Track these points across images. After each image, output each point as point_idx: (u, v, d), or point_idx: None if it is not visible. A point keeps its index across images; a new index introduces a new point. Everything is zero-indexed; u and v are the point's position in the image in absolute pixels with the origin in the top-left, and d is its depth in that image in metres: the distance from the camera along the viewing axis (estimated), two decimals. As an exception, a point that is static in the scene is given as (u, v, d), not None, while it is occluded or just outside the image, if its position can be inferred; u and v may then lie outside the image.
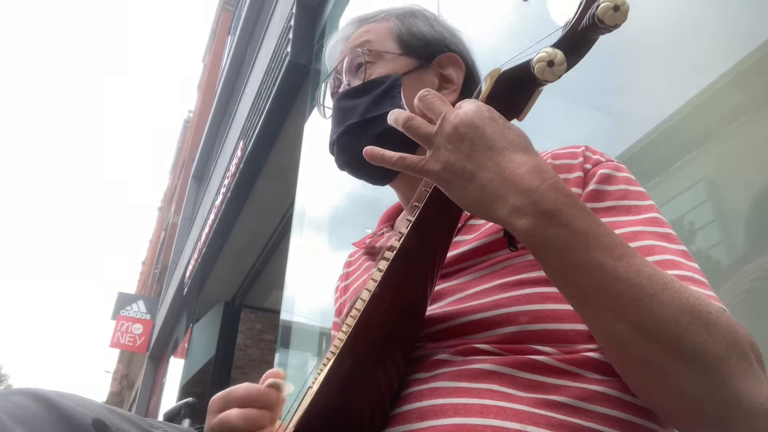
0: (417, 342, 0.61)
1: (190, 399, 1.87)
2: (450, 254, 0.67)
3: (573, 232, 0.47)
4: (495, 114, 0.52)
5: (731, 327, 0.47)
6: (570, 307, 0.56)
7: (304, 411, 0.54)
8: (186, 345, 8.35)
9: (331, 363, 0.54)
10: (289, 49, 3.85)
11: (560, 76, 0.52)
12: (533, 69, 0.52)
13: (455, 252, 0.67)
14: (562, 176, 0.64)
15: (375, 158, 0.56)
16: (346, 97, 0.79)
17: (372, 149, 0.56)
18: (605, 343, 0.51)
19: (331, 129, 0.80)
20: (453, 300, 0.63)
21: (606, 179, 0.64)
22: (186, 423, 1.74)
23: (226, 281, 6.73)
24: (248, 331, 7.18)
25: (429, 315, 0.62)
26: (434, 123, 0.53)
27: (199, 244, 6.57)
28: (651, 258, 0.56)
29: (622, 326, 0.47)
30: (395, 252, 0.55)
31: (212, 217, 5.97)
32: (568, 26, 0.53)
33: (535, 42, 0.54)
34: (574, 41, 0.52)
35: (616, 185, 0.64)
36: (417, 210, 0.57)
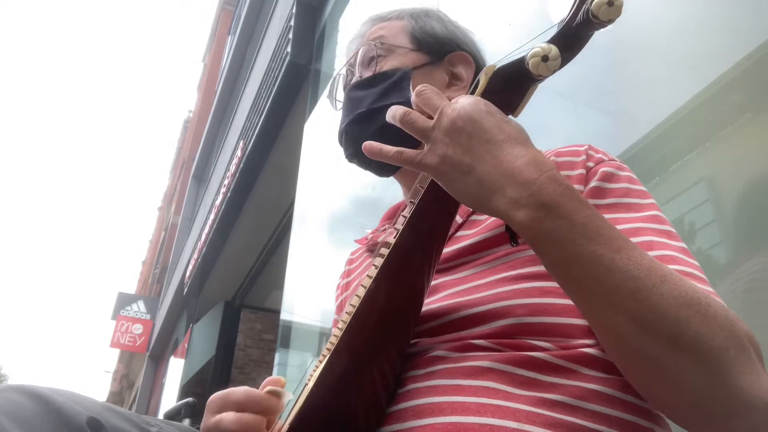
0: (413, 338, 0.61)
1: (190, 399, 1.87)
2: (451, 249, 0.67)
3: (572, 224, 0.47)
4: (492, 108, 0.52)
5: (730, 320, 0.47)
6: (569, 302, 0.56)
7: (300, 408, 0.53)
8: (186, 345, 8.35)
9: (327, 360, 0.54)
10: (289, 49, 3.84)
11: (555, 71, 0.52)
12: (528, 64, 0.52)
13: (456, 246, 0.67)
14: (565, 173, 0.64)
15: (373, 153, 0.56)
16: (357, 88, 0.80)
17: (370, 144, 0.56)
18: (604, 337, 0.51)
19: (341, 119, 0.81)
20: (451, 293, 0.63)
21: (608, 177, 0.64)
22: (186, 423, 1.74)
23: (226, 281, 6.73)
24: (248, 331, 7.17)
25: (426, 309, 0.62)
26: (432, 118, 0.53)
27: (199, 244, 6.57)
28: (651, 253, 0.55)
29: (621, 319, 0.46)
30: (390, 248, 0.55)
31: (212, 217, 5.97)
32: (563, 22, 0.53)
33: (531, 39, 0.54)
34: (569, 37, 0.53)
35: (618, 183, 0.64)
36: (412, 207, 0.57)
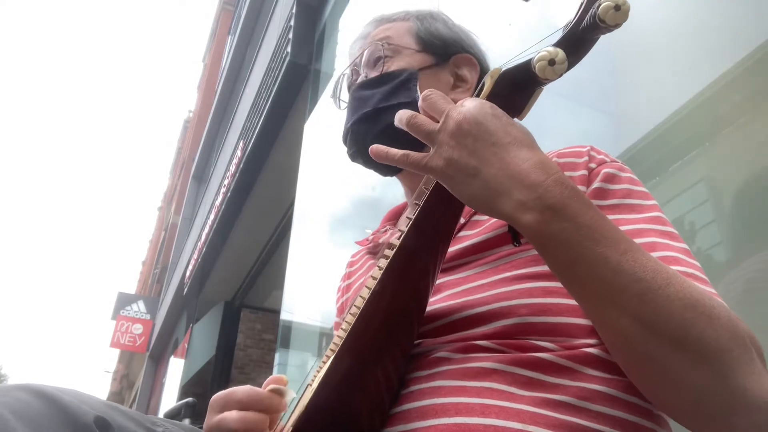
0: (417, 339, 0.61)
1: (191, 399, 1.86)
2: (453, 249, 0.67)
3: (578, 227, 0.47)
4: (498, 111, 0.52)
5: (733, 322, 0.48)
6: (572, 302, 0.56)
7: (303, 409, 0.54)
8: (186, 345, 8.34)
9: (330, 361, 0.54)
10: (289, 49, 3.84)
11: (561, 75, 0.52)
12: (534, 68, 0.52)
13: (459, 246, 0.67)
14: (567, 174, 0.65)
15: (379, 156, 0.56)
16: (363, 88, 0.80)
17: (377, 147, 0.57)
18: (609, 338, 0.51)
19: (346, 118, 0.81)
20: (453, 293, 0.63)
21: (610, 178, 0.64)
22: (186, 423, 1.74)
23: (226, 281, 6.73)
24: (248, 331, 7.17)
25: (428, 310, 0.62)
26: (438, 121, 0.53)
27: (199, 244, 6.57)
28: (653, 254, 0.56)
29: (627, 320, 0.47)
30: (395, 250, 0.56)
31: (212, 217, 5.97)
32: (569, 25, 0.53)
33: (537, 42, 0.54)
34: (575, 40, 0.52)
35: (620, 184, 0.64)
36: (417, 208, 0.57)
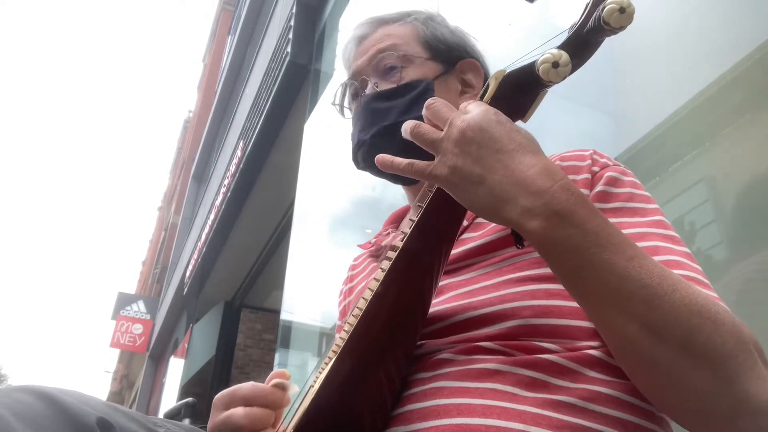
0: (420, 340, 0.61)
1: (190, 399, 1.86)
2: (456, 251, 0.67)
3: (585, 233, 0.47)
4: (502, 117, 0.52)
5: (737, 327, 0.48)
6: (574, 304, 0.56)
7: (305, 411, 0.54)
8: (186, 345, 8.34)
9: (333, 362, 0.54)
10: (289, 49, 3.84)
11: (565, 78, 0.52)
12: (538, 70, 0.52)
13: (461, 249, 0.67)
14: (570, 177, 0.65)
15: (385, 166, 0.57)
16: (379, 99, 0.78)
17: (382, 157, 0.57)
18: (614, 343, 0.51)
19: (359, 129, 0.79)
20: (456, 295, 0.63)
21: (613, 182, 0.65)
22: (186, 423, 1.74)
23: (226, 281, 6.73)
24: (248, 331, 7.17)
25: (431, 311, 0.62)
26: (442, 129, 0.53)
27: (199, 244, 6.57)
28: (656, 258, 0.56)
29: (633, 327, 0.47)
30: (398, 252, 0.56)
31: (212, 217, 5.97)
32: (574, 28, 0.53)
33: (541, 44, 0.54)
34: (580, 43, 0.53)
35: (623, 188, 0.64)
36: (420, 210, 0.57)
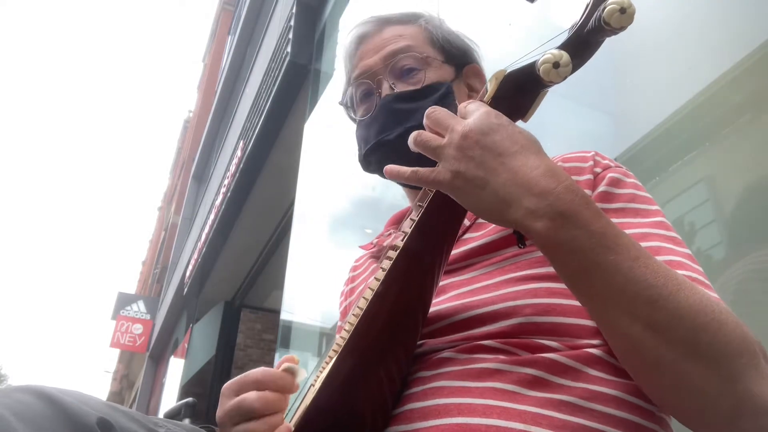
0: (421, 339, 0.62)
1: (190, 399, 1.86)
2: (458, 251, 0.67)
3: (590, 234, 0.47)
4: (503, 119, 0.52)
5: (740, 326, 0.48)
6: (576, 303, 0.56)
7: (306, 409, 0.54)
8: (186, 345, 8.34)
9: (334, 361, 0.54)
10: (289, 49, 3.84)
11: (565, 78, 0.53)
12: (539, 70, 0.52)
13: (464, 248, 0.67)
14: (572, 178, 0.65)
15: (392, 175, 0.57)
16: (401, 100, 0.75)
17: (390, 167, 0.57)
18: (619, 345, 0.51)
19: (379, 130, 0.76)
20: (458, 294, 0.64)
21: (615, 182, 0.65)
22: (186, 423, 1.74)
23: (226, 281, 6.72)
24: (248, 331, 7.17)
25: (433, 310, 0.62)
26: (443, 137, 0.53)
27: (199, 244, 6.57)
28: (658, 258, 0.56)
29: (638, 327, 0.47)
30: (399, 251, 0.56)
31: (212, 217, 5.96)
32: (574, 28, 0.53)
33: (541, 44, 0.54)
34: (580, 43, 0.53)
35: (625, 189, 0.65)
36: (421, 210, 0.57)
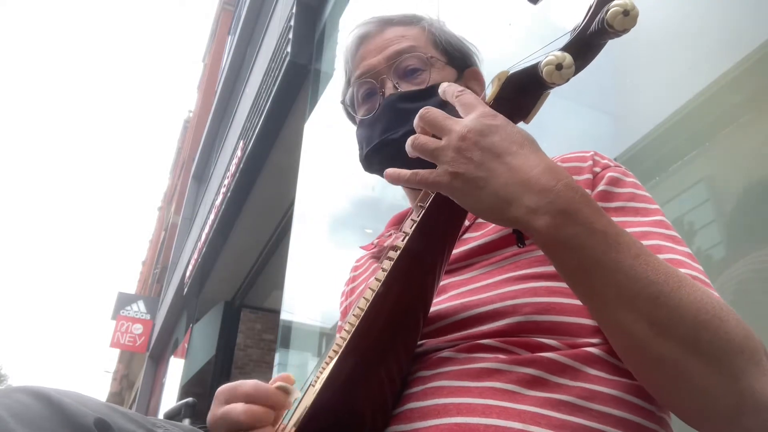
0: (421, 339, 0.62)
1: (190, 399, 1.86)
2: (458, 251, 0.67)
3: (591, 231, 0.48)
4: (501, 119, 0.52)
5: (741, 323, 0.48)
6: (576, 302, 0.56)
7: (306, 409, 0.54)
8: (186, 345, 8.34)
9: (334, 361, 0.54)
10: (289, 49, 3.84)
11: (568, 80, 0.52)
12: (541, 72, 0.52)
13: (463, 248, 0.67)
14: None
15: (393, 178, 0.57)
16: (407, 100, 0.75)
17: (390, 171, 0.57)
18: (621, 343, 0.51)
19: (384, 129, 0.75)
20: (458, 293, 0.64)
21: (615, 182, 0.65)
22: (186, 423, 1.74)
23: (226, 281, 6.73)
24: (248, 331, 7.17)
25: (433, 310, 0.62)
26: (440, 138, 0.53)
27: (199, 244, 6.57)
28: (659, 257, 0.56)
29: (640, 324, 0.47)
30: (399, 251, 0.56)
31: (212, 217, 5.97)
32: (577, 30, 0.53)
33: (544, 45, 0.54)
34: (583, 45, 0.53)
35: (625, 188, 0.65)
36: (421, 210, 0.57)
